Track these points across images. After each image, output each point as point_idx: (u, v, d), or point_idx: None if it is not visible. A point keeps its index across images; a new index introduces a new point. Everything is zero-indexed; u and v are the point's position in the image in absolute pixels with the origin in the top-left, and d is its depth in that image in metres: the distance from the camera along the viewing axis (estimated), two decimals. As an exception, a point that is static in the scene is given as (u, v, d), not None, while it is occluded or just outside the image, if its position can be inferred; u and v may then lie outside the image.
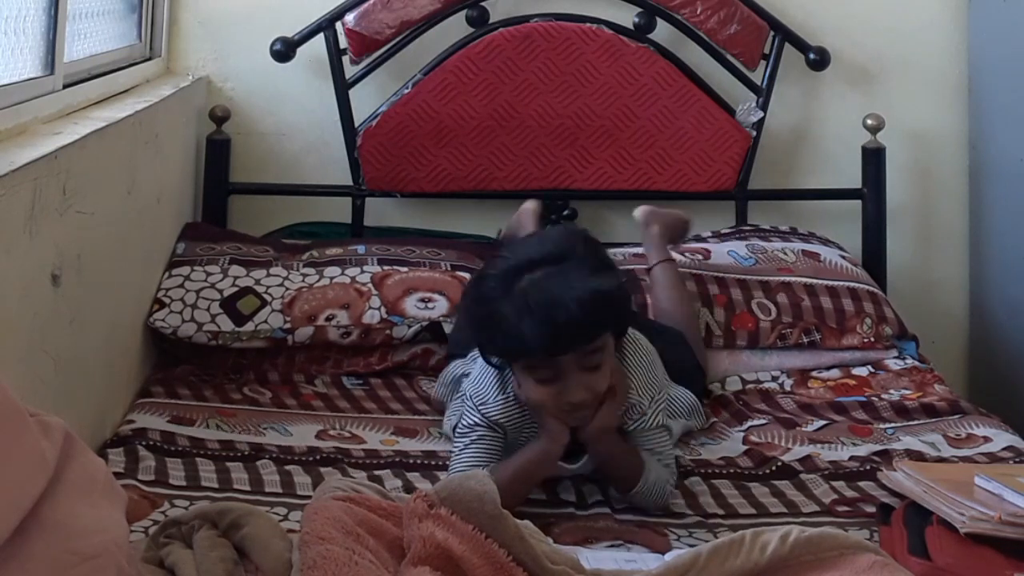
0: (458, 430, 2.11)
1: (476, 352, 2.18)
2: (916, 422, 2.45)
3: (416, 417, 2.46)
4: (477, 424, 2.07)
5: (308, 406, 2.49)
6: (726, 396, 2.59)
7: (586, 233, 2.11)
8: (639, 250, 2.89)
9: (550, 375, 1.96)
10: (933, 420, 2.45)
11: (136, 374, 2.53)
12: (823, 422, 2.46)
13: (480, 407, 2.08)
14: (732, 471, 2.22)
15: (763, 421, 2.46)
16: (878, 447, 2.31)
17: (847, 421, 2.46)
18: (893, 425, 2.44)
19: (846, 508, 2.06)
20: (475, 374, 2.13)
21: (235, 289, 2.68)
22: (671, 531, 2.00)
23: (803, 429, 2.42)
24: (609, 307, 1.97)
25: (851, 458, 2.27)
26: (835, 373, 2.70)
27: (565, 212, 3.17)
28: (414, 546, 1.52)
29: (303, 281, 2.71)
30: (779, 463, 2.23)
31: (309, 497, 1.69)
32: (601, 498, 2.11)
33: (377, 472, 2.18)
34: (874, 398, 2.56)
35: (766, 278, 2.80)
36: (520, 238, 2.07)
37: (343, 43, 3.09)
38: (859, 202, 3.17)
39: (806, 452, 2.30)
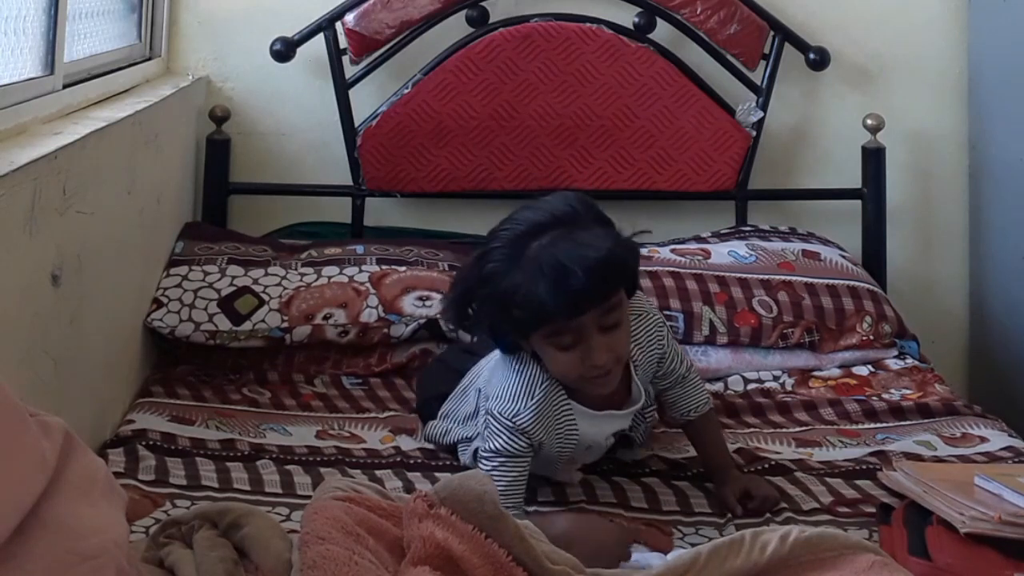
0: (482, 453, 2.06)
1: (459, 402, 2.21)
2: (910, 423, 2.45)
3: (415, 416, 2.46)
4: (499, 451, 2.01)
5: (307, 406, 2.49)
6: (728, 396, 2.60)
7: (582, 195, 2.09)
8: (640, 251, 2.89)
9: (571, 340, 1.95)
10: (928, 420, 2.45)
11: (136, 374, 2.53)
12: (811, 422, 2.47)
13: (514, 419, 2.01)
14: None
15: (759, 421, 2.48)
16: (871, 448, 2.31)
17: (841, 422, 2.47)
18: (885, 426, 2.44)
19: (846, 508, 2.06)
20: (496, 391, 2.06)
21: (233, 289, 2.68)
22: (678, 529, 2.01)
23: (792, 430, 2.43)
24: (621, 263, 1.98)
25: (846, 459, 2.27)
26: (836, 372, 2.70)
27: (565, 212, 3.17)
28: (414, 546, 1.52)
29: (301, 280, 2.72)
30: (771, 461, 2.23)
31: (309, 497, 1.69)
32: (613, 499, 2.11)
33: (377, 472, 2.18)
34: (874, 398, 2.57)
35: (767, 276, 2.80)
36: (518, 210, 2.05)
37: (343, 43, 3.10)
38: (859, 202, 3.17)
39: (796, 452, 2.30)
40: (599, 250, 1.92)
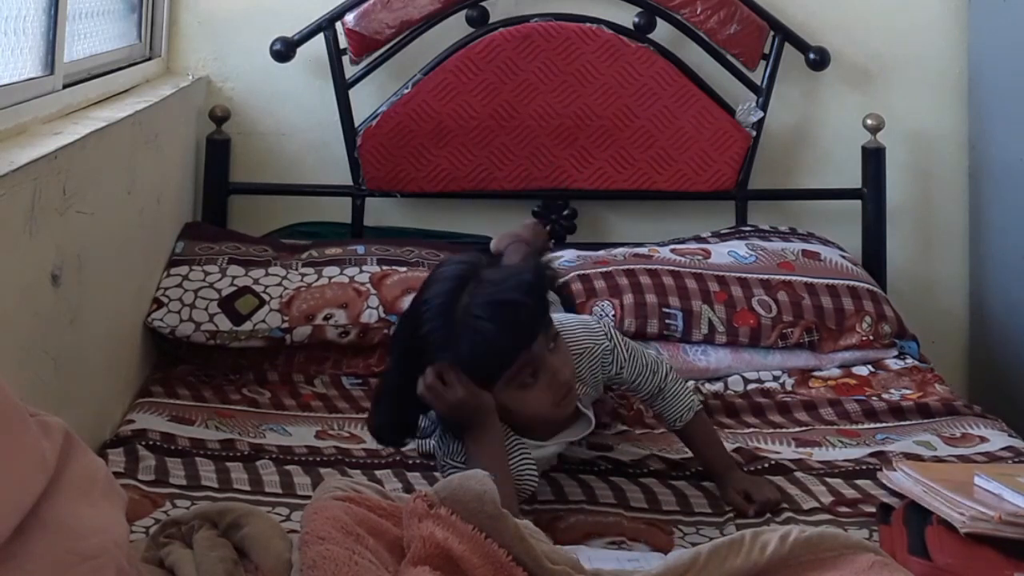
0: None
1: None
2: (910, 423, 2.45)
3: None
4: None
5: (307, 407, 2.49)
6: (728, 396, 2.60)
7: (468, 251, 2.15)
8: (640, 250, 2.90)
9: (531, 373, 1.98)
10: (928, 420, 2.45)
11: (136, 374, 2.53)
12: (811, 422, 2.47)
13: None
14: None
15: (759, 421, 2.49)
16: (871, 448, 2.31)
17: (840, 422, 2.47)
18: (885, 426, 2.44)
19: (846, 508, 2.06)
20: (444, 450, 2.07)
21: (233, 289, 2.68)
22: (678, 529, 2.01)
23: (792, 430, 2.44)
24: (550, 276, 2.07)
25: (846, 459, 2.27)
26: (836, 372, 2.70)
27: (565, 212, 3.17)
28: (414, 546, 1.52)
29: (301, 281, 2.72)
30: (771, 461, 2.23)
31: (309, 497, 1.69)
32: (613, 500, 2.11)
33: (377, 472, 2.18)
34: (873, 398, 2.57)
35: (766, 276, 2.80)
36: (422, 289, 2.07)
37: (343, 43, 3.10)
38: (859, 202, 3.17)
39: (796, 452, 2.31)
40: (526, 272, 1.99)
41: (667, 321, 2.67)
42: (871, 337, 2.73)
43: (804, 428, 2.45)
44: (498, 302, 1.93)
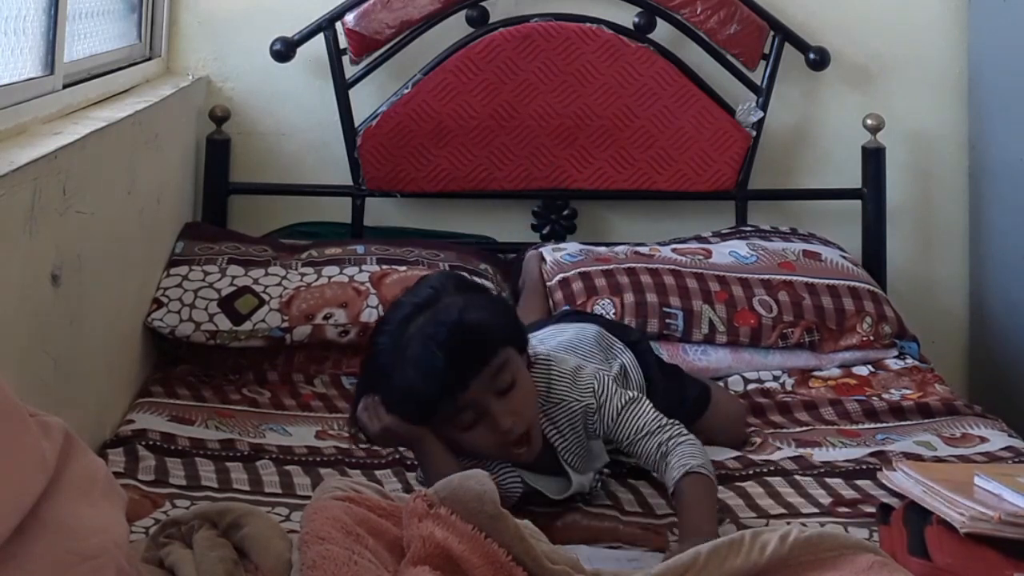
0: None
1: None
2: (910, 423, 2.45)
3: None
4: None
5: (307, 406, 2.49)
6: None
7: (452, 272, 2.10)
8: (642, 249, 2.90)
9: (471, 415, 1.90)
10: (928, 420, 2.45)
11: (136, 374, 2.53)
12: (811, 422, 2.47)
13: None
14: (722, 473, 2.17)
15: (759, 421, 2.48)
16: (872, 448, 2.31)
17: (841, 422, 2.47)
18: (885, 426, 2.44)
19: (846, 509, 2.06)
20: None
21: (233, 288, 2.68)
22: (673, 532, 2.00)
23: (792, 430, 2.43)
24: (477, 326, 1.90)
25: (846, 459, 2.26)
26: (836, 372, 2.70)
27: (565, 212, 3.17)
28: (414, 546, 1.52)
29: (301, 280, 2.72)
30: (771, 466, 2.23)
31: (309, 497, 1.69)
32: (608, 501, 2.10)
33: (376, 472, 2.18)
34: (874, 398, 2.57)
35: (767, 276, 2.80)
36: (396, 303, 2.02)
37: (343, 43, 3.10)
38: (859, 202, 3.17)
39: (796, 453, 2.30)
40: (446, 323, 1.88)
41: (668, 321, 2.67)
42: (871, 337, 2.73)
43: (804, 428, 2.45)
44: (421, 348, 1.87)
